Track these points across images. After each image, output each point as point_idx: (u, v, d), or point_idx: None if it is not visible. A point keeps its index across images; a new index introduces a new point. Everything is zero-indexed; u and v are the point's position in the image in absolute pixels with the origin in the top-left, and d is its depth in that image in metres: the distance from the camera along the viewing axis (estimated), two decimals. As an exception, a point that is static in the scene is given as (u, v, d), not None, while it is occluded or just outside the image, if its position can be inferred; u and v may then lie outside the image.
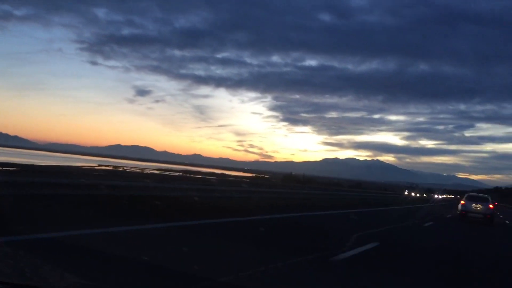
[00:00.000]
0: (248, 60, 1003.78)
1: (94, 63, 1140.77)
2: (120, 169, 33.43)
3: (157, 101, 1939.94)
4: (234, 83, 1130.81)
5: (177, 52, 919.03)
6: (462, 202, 27.65)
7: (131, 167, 39.26)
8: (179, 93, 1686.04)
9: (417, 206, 43.49)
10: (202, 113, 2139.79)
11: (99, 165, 38.12)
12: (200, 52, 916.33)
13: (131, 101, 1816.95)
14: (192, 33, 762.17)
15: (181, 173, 43.60)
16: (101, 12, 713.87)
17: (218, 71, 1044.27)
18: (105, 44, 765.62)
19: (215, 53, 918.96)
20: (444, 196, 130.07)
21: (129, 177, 20.01)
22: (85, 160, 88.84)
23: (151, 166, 67.85)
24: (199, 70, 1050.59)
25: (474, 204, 26.43)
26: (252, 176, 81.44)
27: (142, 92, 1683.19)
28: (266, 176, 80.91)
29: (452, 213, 32.84)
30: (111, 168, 34.87)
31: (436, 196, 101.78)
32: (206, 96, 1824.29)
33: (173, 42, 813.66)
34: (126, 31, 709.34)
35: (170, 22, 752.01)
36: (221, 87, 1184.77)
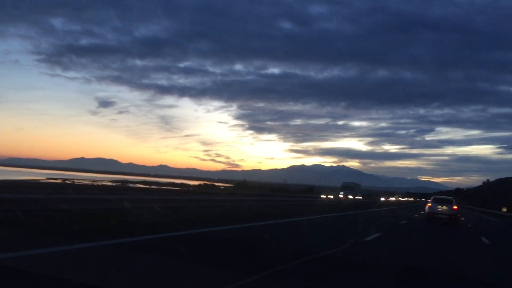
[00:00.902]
0: (211, 69, 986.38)
1: (53, 74, 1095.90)
2: (68, 182, 31.88)
3: (121, 112, 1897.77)
4: (197, 92, 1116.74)
5: (139, 62, 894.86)
6: (429, 204, 28.49)
7: (81, 180, 37.69)
8: (143, 103, 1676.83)
9: (342, 215, 28.49)
10: (167, 124, 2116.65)
11: (48, 178, 36.54)
12: (162, 61, 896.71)
13: (94, 112, 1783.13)
14: (153, 43, 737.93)
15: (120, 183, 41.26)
16: (58, 22, 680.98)
17: (181, 80, 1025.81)
18: (63, 55, 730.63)
19: (177, 63, 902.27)
20: (394, 198, 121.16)
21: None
22: (46, 174, 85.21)
23: (108, 179, 65.96)
24: (162, 79, 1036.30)
25: (439, 206, 27.45)
26: (201, 184, 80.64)
27: (105, 103, 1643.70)
28: (215, 184, 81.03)
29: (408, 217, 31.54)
30: (59, 181, 33.19)
31: (383, 199, 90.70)
32: (170, 106, 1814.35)
33: (134, 52, 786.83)
34: (84, 41, 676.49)
35: (130, 32, 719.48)
36: (184, 97, 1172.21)
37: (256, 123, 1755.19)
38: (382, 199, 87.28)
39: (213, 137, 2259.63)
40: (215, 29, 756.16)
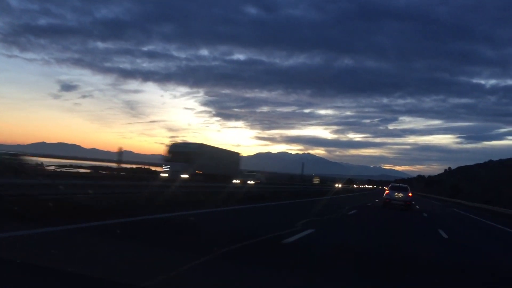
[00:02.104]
0: (175, 53, 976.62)
1: (10, 55, 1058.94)
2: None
3: (84, 97, 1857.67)
4: (162, 77, 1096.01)
5: (100, 44, 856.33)
6: (387, 191, 30.48)
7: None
8: (107, 88, 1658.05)
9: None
10: (132, 109, 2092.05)
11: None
12: (125, 44, 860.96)
13: (56, 96, 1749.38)
14: (115, 25, 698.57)
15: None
16: (14, 0, 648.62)
17: (145, 64, 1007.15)
18: (20, 35, 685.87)
19: (141, 46, 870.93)
20: (340, 185, 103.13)
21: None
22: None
23: (59, 163, 63.91)
24: (125, 63, 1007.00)
25: (396, 193, 29.45)
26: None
27: (67, 87, 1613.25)
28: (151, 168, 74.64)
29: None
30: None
31: (339, 185, 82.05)
32: (136, 91, 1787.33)
33: (95, 34, 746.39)
34: (43, 21, 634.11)
35: (91, 12, 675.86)
36: (149, 81, 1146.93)
37: (223, 110, 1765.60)
38: (337, 185, 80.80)
39: (179, 123, 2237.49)
40: (180, 13, 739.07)
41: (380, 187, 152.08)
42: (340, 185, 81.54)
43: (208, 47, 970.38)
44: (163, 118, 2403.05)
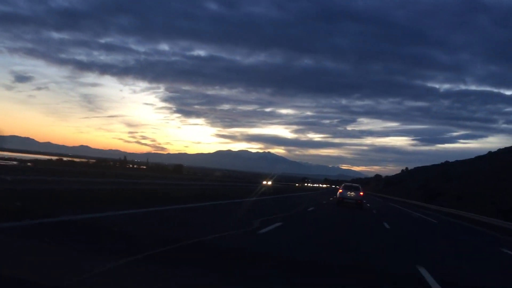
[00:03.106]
0: (134, 47, 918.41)
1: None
2: None
3: (39, 89, 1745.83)
4: (120, 71, 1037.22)
5: (55, 35, 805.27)
6: (340, 190, 31.77)
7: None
8: (64, 80, 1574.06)
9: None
10: (90, 103, 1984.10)
11: None
12: (81, 35, 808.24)
13: (9, 87, 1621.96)
14: (70, 14, 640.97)
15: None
16: None
17: (102, 57, 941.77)
18: None
19: (98, 38, 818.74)
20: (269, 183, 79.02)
21: None
22: None
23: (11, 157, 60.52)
24: (81, 55, 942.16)
25: (349, 192, 30.79)
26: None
27: (21, 78, 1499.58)
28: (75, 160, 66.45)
29: None
30: None
31: (266, 183, 63.78)
32: (94, 85, 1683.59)
33: (49, 23, 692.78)
34: None
35: (45, 1, 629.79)
36: (106, 75, 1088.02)
37: (184, 107, 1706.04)
38: (265, 183, 60.19)
39: (138, 119, 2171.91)
40: (138, 5, 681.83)
41: (333, 186, 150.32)
42: (269, 183, 62.93)
43: (168, 42, 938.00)
44: (122, 113, 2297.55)
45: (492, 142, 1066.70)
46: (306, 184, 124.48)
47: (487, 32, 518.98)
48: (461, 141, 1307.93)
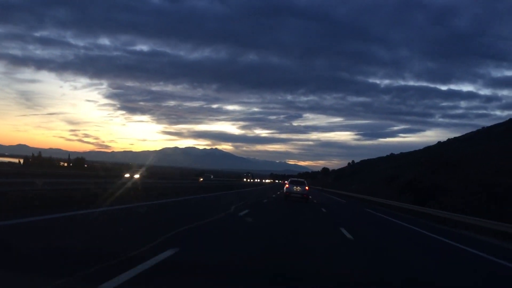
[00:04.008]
0: (72, 41, 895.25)
1: None
2: None
3: None
4: (58, 66, 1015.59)
5: None
6: (287, 185, 32.39)
7: None
8: None
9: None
10: (28, 100, 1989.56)
11: None
12: (14, 28, 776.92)
13: None
14: (2, 6, 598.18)
15: None
16: None
17: (38, 51, 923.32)
18: None
19: (33, 31, 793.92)
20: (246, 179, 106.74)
21: None
22: None
23: None
24: (15, 49, 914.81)
25: (295, 187, 31.43)
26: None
27: None
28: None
29: None
30: None
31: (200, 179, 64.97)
32: (32, 81, 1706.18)
33: None
34: None
35: None
36: (43, 70, 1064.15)
37: (128, 103, 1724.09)
38: (200, 179, 63.68)
39: (81, 116, 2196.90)
40: None
41: (277, 181, 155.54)
42: (201, 179, 61.19)
43: (108, 36, 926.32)
44: (63, 111, 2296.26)
45: (430, 136, 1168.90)
46: (247, 180, 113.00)
47: (424, 30, 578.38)
48: (402, 135, 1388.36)
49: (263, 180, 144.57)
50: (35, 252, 5.95)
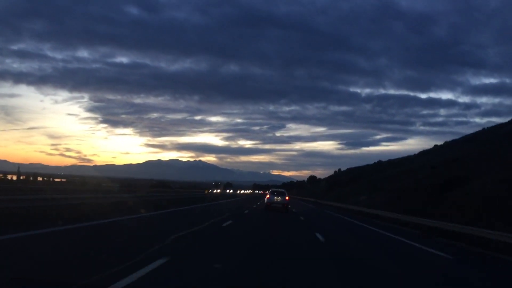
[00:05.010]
0: (50, 53, 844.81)
1: None
2: None
3: None
4: (36, 79, 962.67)
5: None
6: (268, 196, 33.66)
7: None
8: None
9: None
10: (7, 114, 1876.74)
11: None
12: None
13: None
14: None
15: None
16: None
17: (15, 65, 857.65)
18: None
19: (9, 44, 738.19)
20: (219, 190, 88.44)
21: None
22: None
23: None
24: None
25: (276, 197, 32.67)
26: None
27: None
28: None
29: None
30: None
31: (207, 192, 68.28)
32: (11, 95, 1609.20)
33: None
34: None
35: None
36: (21, 83, 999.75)
37: (110, 116, 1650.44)
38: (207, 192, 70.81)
39: (62, 130, 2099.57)
40: (52, 8, 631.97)
41: (256, 191, 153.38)
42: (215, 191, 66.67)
43: (87, 48, 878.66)
44: (44, 125, 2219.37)
45: (411, 144, 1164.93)
46: (215, 191, 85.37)
47: (402, 38, 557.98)
48: (384, 143, 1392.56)
49: (240, 191, 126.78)
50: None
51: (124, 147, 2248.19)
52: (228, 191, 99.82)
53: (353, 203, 50.81)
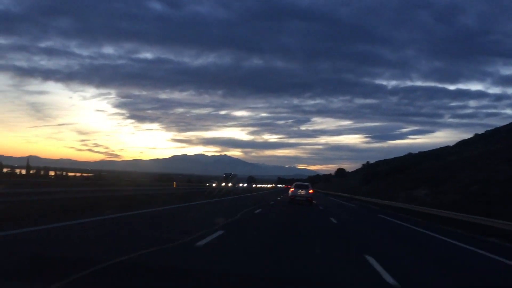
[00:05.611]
0: (76, 50, 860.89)
1: None
2: None
3: None
4: (64, 77, 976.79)
5: None
6: (292, 189, 33.55)
7: None
8: (9, 89, 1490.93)
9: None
10: (38, 111, 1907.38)
11: None
12: (19, 40, 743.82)
13: None
14: (6, 17, 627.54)
15: None
16: None
17: (44, 62, 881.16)
18: None
19: (38, 42, 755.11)
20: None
21: None
22: None
23: None
24: (21, 60, 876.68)
25: (299, 190, 32.56)
26: None
27: None
28: None
29: None
30: None
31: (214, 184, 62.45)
32: (41, 93, 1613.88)
33: None
34: None
35: None
36: (49, 81, 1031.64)
37: (137, 112, 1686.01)
38: (214, 184, 62.31)
39: (90, 126, 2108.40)
40: (77, 6, 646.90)
41: (279, 186, 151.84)
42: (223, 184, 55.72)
43: (112, 45, 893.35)
44: (73, 121, 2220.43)
45: (440, 137, 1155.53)
46: (223, 184, 69.66)
47: (430, 29, 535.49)
48: (411, 136, 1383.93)
49: (255, 185, 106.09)
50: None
51: (150, 142, 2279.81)
52: (241, 185, 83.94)
53: (404, 200, 39.39)
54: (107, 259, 6.69)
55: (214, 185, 63.54)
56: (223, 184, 68.85)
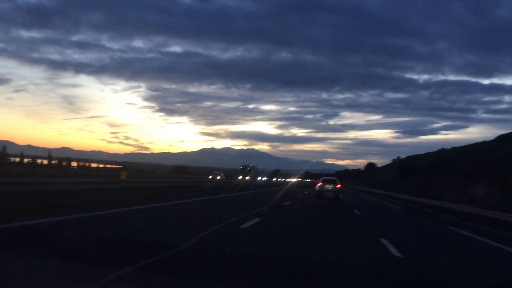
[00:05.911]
0: (107, 44, 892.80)
1: None
2: None
3: (17, 91, 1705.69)
4: (96, 70, 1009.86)
5: (24, 33, 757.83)
6: (319, 184, 33.45)
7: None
8: (43, 82, 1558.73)
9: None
10: (71, 104, 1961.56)
11: None
12: (52, 33, 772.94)
13: None
14: (39, 11, 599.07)
15: None
16: None
17: (76, 55, 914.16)
18: None
19: (70, 36, 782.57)
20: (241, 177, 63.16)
21: None
22: None
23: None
24: (54, 54, 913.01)
25: (327, 185, 32.39)
26: None
27: None
28: None
29: None
30: None
31: (218, 177, 57.24)
32: (74, 86, 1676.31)
33: (17, 21, 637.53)
34: None
35: None
36: (81, 74, 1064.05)
37: (166, 105, 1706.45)
38: (218, 177, 57.04)
39: (121, 118, 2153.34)
40: (108, 0, 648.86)
41: (306, 180, 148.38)
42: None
43: (142, 38, 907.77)
44: (104, 114, 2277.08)
45: (473, 133, 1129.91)
46: (240, 178, 62.86)
47: (463, 21, 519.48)
48: (443, 132, 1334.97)
49: (278, 180, 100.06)
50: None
51: (179, 135, 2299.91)
52: (259, 178, 76.97)
53: (457, 199, 30.55)
54: (177, 244, 7.39)
55: (218, 177, 57.20)
56: (240, 177, 61.15)
